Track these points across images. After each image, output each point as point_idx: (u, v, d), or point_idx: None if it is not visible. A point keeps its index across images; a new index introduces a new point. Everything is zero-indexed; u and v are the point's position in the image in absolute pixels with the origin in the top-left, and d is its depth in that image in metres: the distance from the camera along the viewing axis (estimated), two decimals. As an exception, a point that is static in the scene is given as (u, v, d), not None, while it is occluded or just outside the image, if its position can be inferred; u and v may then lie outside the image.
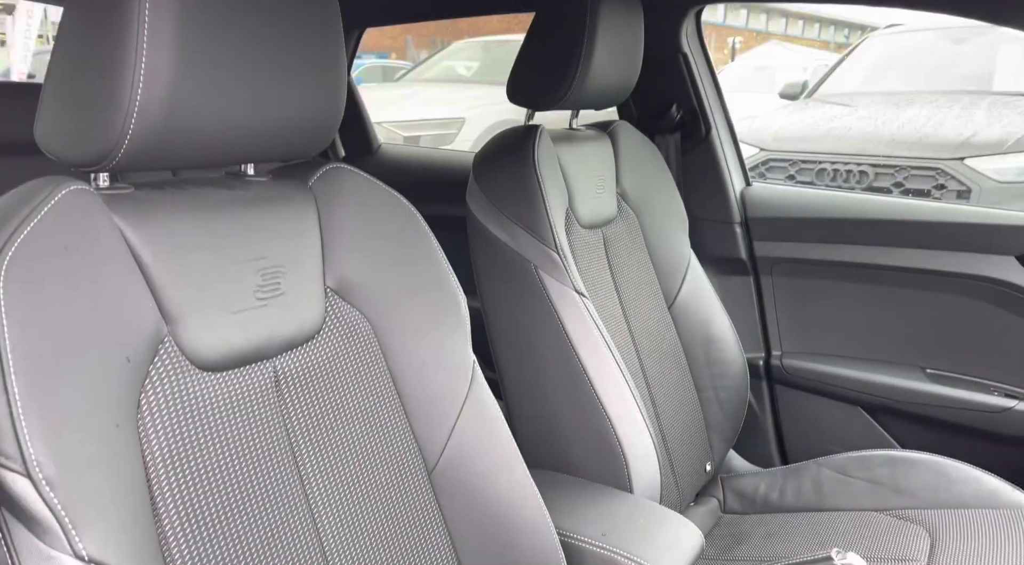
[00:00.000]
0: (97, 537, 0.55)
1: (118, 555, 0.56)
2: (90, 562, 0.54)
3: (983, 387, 1.49)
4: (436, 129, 4.99)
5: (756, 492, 1.53)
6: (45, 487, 0.53)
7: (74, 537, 0.54)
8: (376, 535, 0.83)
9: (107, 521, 0.56)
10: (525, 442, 1.09)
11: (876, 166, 3.65)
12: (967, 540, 1.19)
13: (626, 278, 1.46)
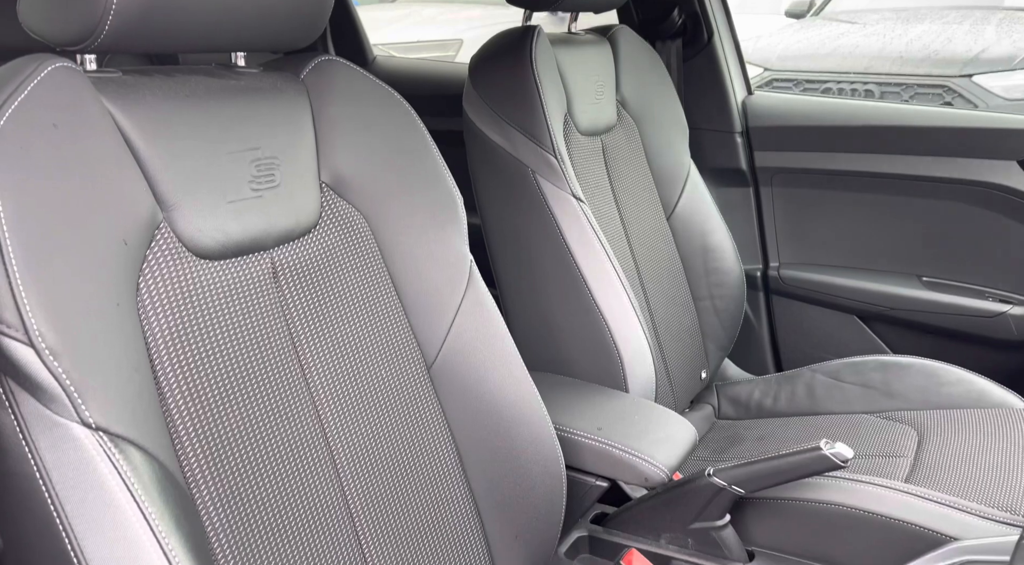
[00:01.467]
0: (103, 407, 0.56)
1: (124, 424, 0.57)
2: (97, 430, 0.55)
3: (978, 293, 1.50)
4: (433, 51, 4.87)
5: (750, 398, 1.56)
6: (48, 356, 0.54)
7: (80, 405, 0.55)
8: (377, 426, 0.85)
9: (112, 393, 0.58)
10: (523, 346, 1.10)
11: (882, 84, 3.58)
12: (953, 437, 1.22)
13: (625, 187, 1.45)
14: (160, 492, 0.57)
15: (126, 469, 0.55)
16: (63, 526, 0.53)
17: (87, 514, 0.54)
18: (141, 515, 0.55)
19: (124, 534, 0.54)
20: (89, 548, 0.53)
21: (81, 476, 0.54)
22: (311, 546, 0.75)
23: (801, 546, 1.06)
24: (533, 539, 0.95)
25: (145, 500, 0.56)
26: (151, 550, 0.54)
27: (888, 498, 1.02)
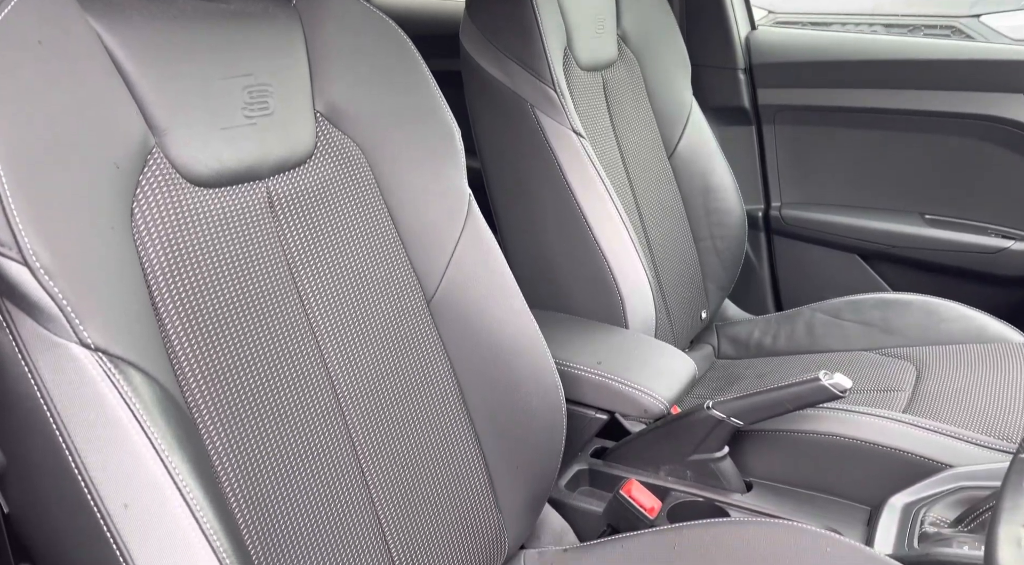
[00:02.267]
0: (101, 328, 0.56)
1: (123, 346, 0.57)
2: (96, 351, 0.55)
3: (980, 230, 1.50)
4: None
5: (750, 338, 1.56)
6: (44, 275, 0.54)
7: (78, 325, 0.55)
8: (377, 357, 0.85)
9: (110, 315, 0.57)
10: (523, 285, 1.10)
11: (889, 26, 3.51)
12: (951, 371, 1.23)
13: (625, 124, 1.43)
14: (161, 413, 0.58)
15: (127, 389, 0.56)
16: (65, 444, 0.54)
17: (89, 433, 0.54)
18: (143, 434, 0.55)
19: (126, 452, 0.55)
20: (92, 465, 0.54)
21: (82, 395, 0.54)
22: (314, 472, 0.75)
23: (798, 476, 1.08)
24: (534, 469, 0.97)
25: (147, 419, 0.56)
26: (154, 467, 0.55)
27: (885, 428, 1.03)
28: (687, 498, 1.09)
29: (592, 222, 1.22)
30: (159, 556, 0.54)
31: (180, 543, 0.55)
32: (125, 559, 0.53)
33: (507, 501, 0.95)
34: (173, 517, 0.55)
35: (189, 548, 0.55)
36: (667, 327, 1.43)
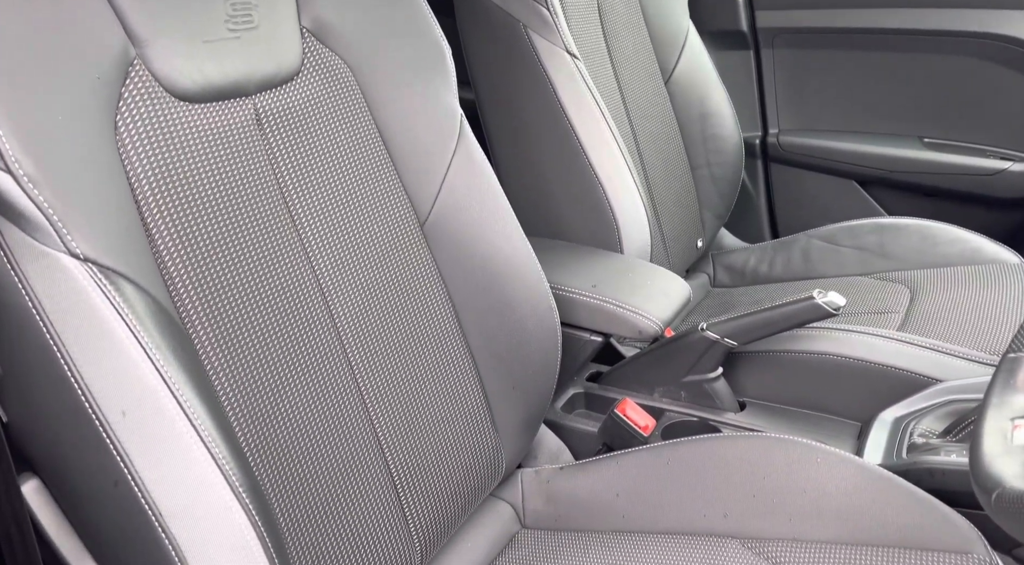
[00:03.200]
0: (89, 238, 0.56)
1: (113, 257, 0.57)
2: (86, 261, 0.55)
3: (978, 152, 1.48)
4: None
5: (746, 265, 1.56)
6: (28, 184, 0.53)
7: (65, 235, 0.54)
8: (371, 279, 0.85)
9: (98, 225, 0.57)
10: (518, 212, 1.09)
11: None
12: (945, 292, 1.24)
13: (621, 48, 1.40)
14: (155, 325, 0.58)
15: (119, 300, 0.56)
16: (60, 353, 0.54)
17: (83, 342, 0.54)
18: (138, 344, 0.55)
19: (122, 361, 0.55)
20: (88, 373, 0.54)
21: (73, 305, 0.54)
22: (312, 391, 0.76)
23: (791, 395, 1.10)
24: (530, 391, 0.98)
25: (141, 330, 0.56)
26: (150, 376, 0.55)
27: (877, 346, 1.04)
28: (681, 418, 1.11)
29: (587, 146, 1.20)
30: (158, 461, 0.55)
31: (179, 449, 0.56)
32: (125, 464, 0.54)
33: (504, 421, 0.96)
34: (171, 425, 0.56)
35: (188, 454, 0.56)
36: (663, 255, 1.43)
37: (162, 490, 0.55)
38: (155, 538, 0.55)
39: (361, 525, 0.78)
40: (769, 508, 0.86)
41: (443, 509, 0.88)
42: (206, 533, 0.56)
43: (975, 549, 0.74)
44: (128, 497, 0.54)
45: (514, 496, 1.02)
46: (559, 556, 0.93)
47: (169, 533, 0.55)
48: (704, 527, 0.89)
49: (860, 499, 0.81)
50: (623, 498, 0.95)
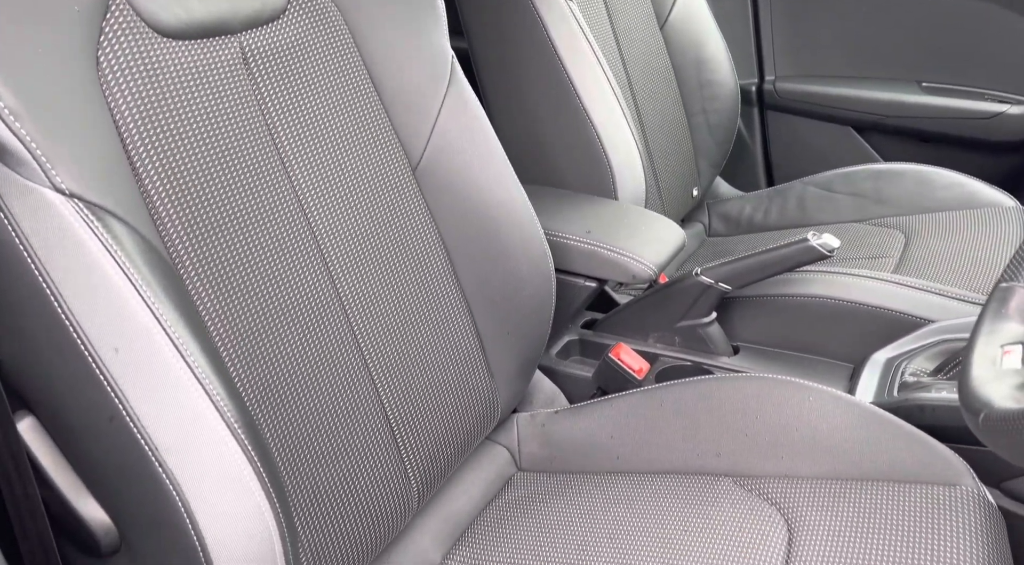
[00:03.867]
0: (74, 174, 0.55)
1: (99, 194, 0.56)
2: (72, 197, 0.55)
3: (976, 95, 1.47)
4: None
5: (741, 214, 1.56)
6: (8, 116, 0.52)
7: (50, 170, 0.54)
8: (363, 223, 0.85)
9: (83, 161, 0.56)
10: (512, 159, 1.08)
11: None
12: (940, 236, 1.23)
13: (615, -8, 1.37)
14: (145, 262, 0.57)
15: (107, 237, 0.55)
16: (50, 290, 0.54)
17: (72, 279, 0.54)
18: (128, 281, 0.55)
19: (112, 298, 0.55)
20: (78, 311, 0.54)
21: (61, 242, 0.54)
22: (307, 334, 0.76)
23: (784, 339, 1.10)
24: (524, 336, 0.98)
25: (130, 267, 0.56)
26: (141, 313, 0.55)
27: (870, 288, 1.04)
28: (675, 363, 1.11)
29: (581, 91, 1.18)
30: (152, 397, 0.55)
31: (172, 385, 0.56)
32: (119, 400, 0.55)
33: (498, 366, 0.97)
34: (164, 361, 0.56)
35: (182, 390, 0.56)
36: (657, 203, 1.43)
37: (157, 425, 0.55)
38: (151, 472, 0.55)
39: (358, 465, 0.78)
40: (761, 446, 0.87)
41: (439, 451, 0.88)
42: (202, 467, 0.56)
43: (964, 481, 0.75)
44: (123, 432, 0.55)
45: (510, 440, 1.04)
46: (555, 496, 0.94)
47: (165, 467, 0.55)
48: (697, 466, 0.91)
49: (851, 435, 0.82)
50: (617, 440, 0.96)
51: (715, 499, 0.85)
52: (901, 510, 0.74)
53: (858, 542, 0.73)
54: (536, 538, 0.88)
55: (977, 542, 0.69)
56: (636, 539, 0.82)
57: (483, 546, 0.89)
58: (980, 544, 0.68)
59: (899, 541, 0.71)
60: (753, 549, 0.76)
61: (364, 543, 0.79)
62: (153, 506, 0.56)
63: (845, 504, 0.78)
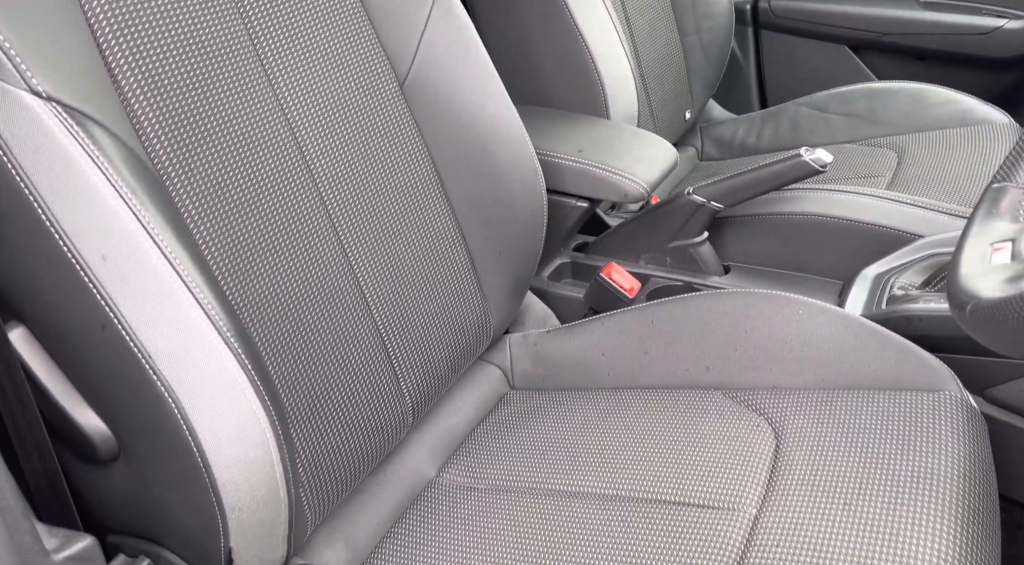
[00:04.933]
0: (50, 76, 0.53)
1: (78, 98, 0.55)
2: (49, 100, 0.53)
3: (974, 10, 1.44)
4: None
5: (734, 137, 1.54)
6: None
7: (25, 71, 0.52)
8: (349, 138, 0.83)
9: (58, 64, 0.55)
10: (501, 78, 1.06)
11: None
12: (932, 154, 1.23)
13: (607, -98, 1.32)
14: (129, 170, 0.56)
15: (87, 141, 0.54)
16: (33, 197, 0.53)
17: (54, 184, 0.53)
18: (111, 186, 0.54)
19: (96, 204, 0.54)
20: (63, 217, 0.53)
21: (41, 147, 0.53)
22: (296, 251, 0.76)
23: (775, 258, 1.10)
24: (516, 256, 0.98)
25: (113, 174, 0.55)
26: (127, 219, 0.54)
27: (862, 204, 1.04)
28: (666, 283, 1.12)
29: (574, 9, 1.15)
30: (143, 306, 0.55)
31: (163, 293, 0.56)
32: (110, 308, 0.54)
33: (490, 287, 0.97)
34: (153, 269, 0.55)
35: (172, 298, 0.56)
36: (650, 126, 1.41)
37: (149, 333, 0.55)
38: (146, 379, 0.55)
39: (352, 380, 0.79)
40: (751, 360, 0.88)
41: (433, 369, 0.89)
42: (196, 374, 0.57)
43: (947, 387, 0.77)
44: (116, 340, 0.55)
45: (503, 359, 1.05)
46: (547, 412, 0.96)
47: (160, 374, 0.55)
48: (687, 380, 0.92)
49: (839, 346, 0.83)
50: (608, 357, 0.97)
51: (704, 411, 0.87)
52: (886, 416, 0.76)
53: (843, 446, 0.74)
54: (529, 451, 0.89)
55: (959, 443, 0.70)
56: (626, 450, 0.84)
57: (477, 459, 0.91)
58: (962, 445, 0.70)
59: (883, 444, 0.73)
60: (740, 456, 0.78)
61: (361, 455, 0.80)
62: (149, 413, 0.57)
63: (831, 412, 0.79)
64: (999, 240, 0.50)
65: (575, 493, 0.80)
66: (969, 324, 0.46)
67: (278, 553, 0.68)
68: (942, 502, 0.64)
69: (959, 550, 0.60)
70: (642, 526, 0.73)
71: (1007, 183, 0.55)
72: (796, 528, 0.67)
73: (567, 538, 0.74)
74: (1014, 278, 0.44)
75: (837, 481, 0.70)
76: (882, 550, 0.61)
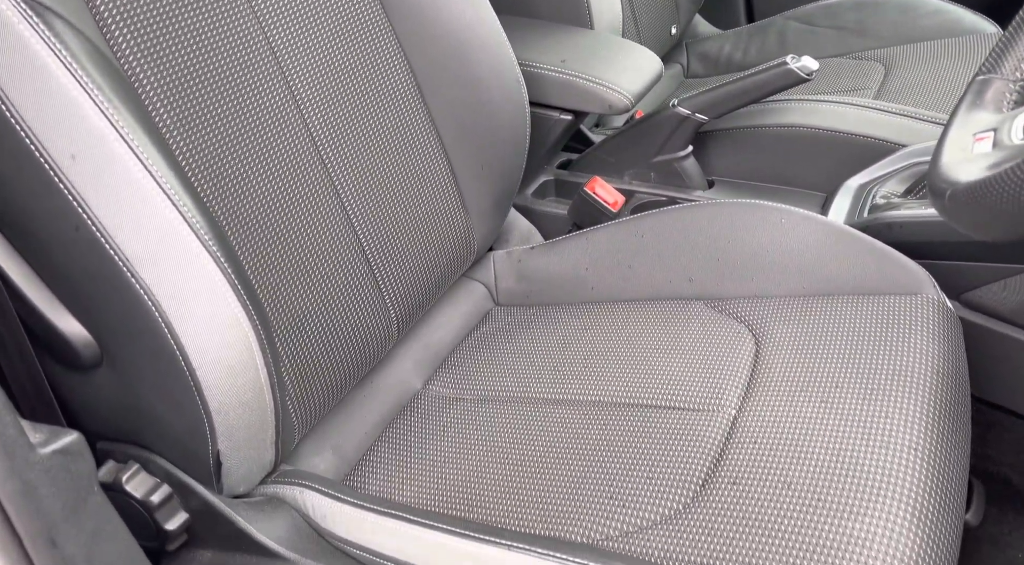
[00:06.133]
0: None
1: None
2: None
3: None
4: None
5: (720, 53, 1.51)
6: None
7: None
8: (326, 46, 0.81)
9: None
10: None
11: None
12: (919, 66, 1.21)
13: None
14: (94, 66, 0.54)
15: (49, 35, 0.52)
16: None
17: (18, 81, 0.51)
18: (77, 84, 0.52)
19: (62, 101, 0.52)
20: (28, 115, 0.52)
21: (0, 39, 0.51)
22: (274, 160, 0.74)
23: (759, 171, 1.10)
24: (499, 169, 0.97)
25: (78, 69, 0.53)
26: (95, 117, 0.53)
27: (847, 114, 1.03)
28: (650, 198, 1.11)
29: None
30: (117, 207, 0.54)
31: (137, 195, 0.55)
32: (83, 210, 0.53)
33: (473, 202, 0.96)
34: (125, 170, 0.54)
35: (147, 200, 0.55)
36: (635, 40, 1.37)
37: (125, 236, 0.54)
38: (124, 283, 0.55)
39: (335, 291, 0.79)
40: (733, 269, 0.89)
41: (417, 284, 0.89)
42: (176, 279, 0.56)
43: (925, 290, 0.78)
44: (91, 243, 0.54)
45: (487, 276, 1.05)
46: (531, 326, 0.97)
47: (139, 278, 0.55)
48: (670, 292, 0.93)
49: (820, 254, 0.84)
50: (592, 272, 0.97)
51: (686, 321, 0.88)
52: (864, 319, 0.77)
53: (822, 349, 0.76)
54: (513, 363, 0.90)
55: (934, 342, 0.72)
56: (609, 360, 0.85)
57: (463, 372, 0.92)
58: (937, 344, 0.72)
59: (860, 345, 0.74)
60: (721, 362, 0.79)
61: (346, 367, 0.81)
62: (130, 318, 0.57)
63: (811, 318, 0.80)
64: (982, 130, 0.50)
65: (559, 400, 0.82)
66: (948, 211, 0.46)
67: (266, 458, 0.69)
68: (916, 396, 0.66)
69: (931, 438, 0.62)
70: (623, 429, 0.75)
71: (992, 74, 0.54)
72: (774, 426, 0.69)
73: (550, 442, 0.76)
74: (994, 164, 0.44)
75: (814, 381, 0.72)
76: (857, 440, 0.63)
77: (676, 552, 0.59)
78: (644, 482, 0.67)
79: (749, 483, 0.63)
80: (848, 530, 0.55)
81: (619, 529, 0.64)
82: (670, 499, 0.65)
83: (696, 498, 0.64)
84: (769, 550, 0.56)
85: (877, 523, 0.55)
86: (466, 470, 0.76)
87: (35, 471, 0.43)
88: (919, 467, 0.59)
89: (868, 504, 0.57)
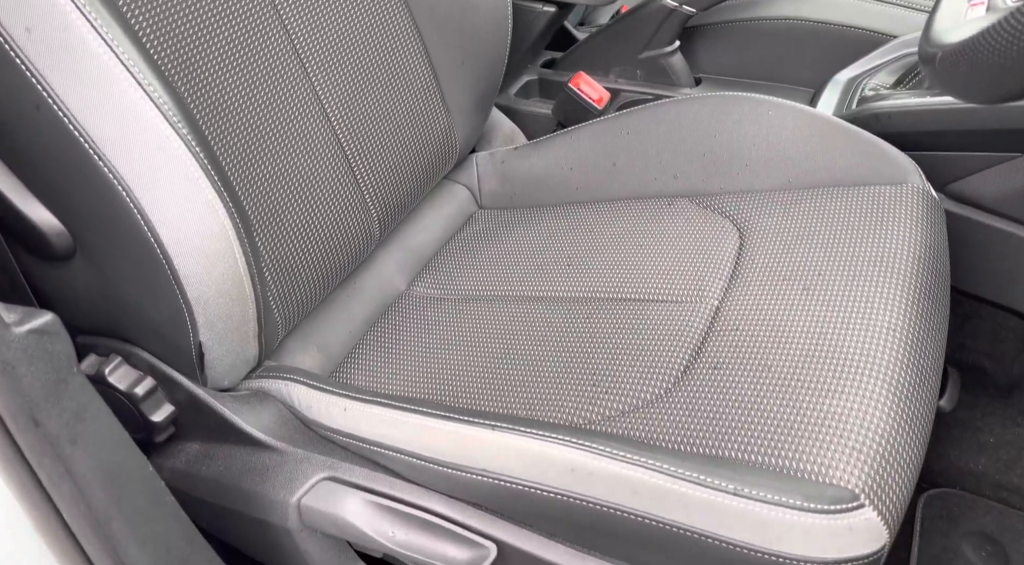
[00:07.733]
0: None
1: None
2: None
3: None
4: None
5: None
6: None
7: None
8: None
9: None
10: None
11: None
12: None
13: None
14: None
15: None
16: None
17: None
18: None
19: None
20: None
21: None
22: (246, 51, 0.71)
23: (747, 68, 1.07)
24: (480, 64, 0.94)
25: None
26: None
27: (838, 4, 1.00)
28: (636, 96, 1.09)
29: None
30: (78, 85, 0.52)
31: (99, 74, 0.52)
32: (43, 86, 0.51)
33: (454, 100, 0.94)
34: (83, 43, 0.51)
35: (110, 78, 0.53)
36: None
37: (89, 117, 0.52)
38: (92, 166, 0.53)
39: (313, 187, 0.77)
40: (719, 165, 0.87)
41: (398, 184, 0.88)
42: (146, 163, 0.54)
43: (911, 179, 0.77)
44: (54, 123, 0.52)
45: (470, 179, 1.03)
46: (515, 228, 0.96)
47: (106, 161, 0.53)
48: (655, 190, 0.91)
49: (807, 146, 0.82)
50: (577, 171, 0.96)
51: (671, 217, 0.87)
52: (849, 209, 0.76)
53: (805, 239, 0.75)
54: (497, 264, 0.90)
55: (916, 228, 0.72)
56: (593, 257, 0.85)
57: (446, 273, 0.92)
58: (919, 230, 0.71)
59: (844, 234, 0.74)
60: (704, 255, 0.79)
61: (328, 266, 0.80)
62: (101, 205, 0.55)
63: (796, 210, 0.80)
64: (976, -2, 0.48)
65: (543, 298, 0.81)
66: (939, 75, 0.45)
67: (250, 352, 0.69)
68: (897, 279, 0.66)
69: (910, 320, 0.63)
70: (606, 322, 0.75)
71: (990, -58, 0.52)
72: (756, 313, 0.69)
73: (534, 336, 0.76)
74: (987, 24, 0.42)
75: (797, 270, 0.72)
76: (837, 324, 0.63)
77: (657, 432, 0.60)
78: (626, 370, 0.68)
79: (729, 367, 0.64)
80: (825, 406, 0.56)
81: (601, 414, 0.65)
82: (652, 385, 0.65)
83: (677, 383, 0.65)
84: (748, 427, 0.57)
85: (853, 399, 0.56)
86: (451, 363, 0.76)
87: (12, 350, 0.43)
88: (897, 347, 0.60)
89: (846, 382, 0.58)
